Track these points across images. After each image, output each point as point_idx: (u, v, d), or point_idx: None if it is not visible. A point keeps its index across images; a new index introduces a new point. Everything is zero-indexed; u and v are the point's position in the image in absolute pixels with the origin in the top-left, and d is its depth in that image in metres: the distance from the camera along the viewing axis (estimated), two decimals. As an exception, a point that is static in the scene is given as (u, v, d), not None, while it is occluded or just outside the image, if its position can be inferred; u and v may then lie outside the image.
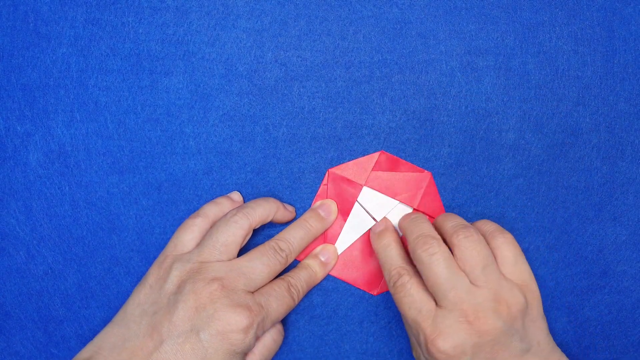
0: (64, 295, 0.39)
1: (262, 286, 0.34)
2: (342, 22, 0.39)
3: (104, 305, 0.39)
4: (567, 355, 0.40)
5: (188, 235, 0.35)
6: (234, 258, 0.34)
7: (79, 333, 0.39)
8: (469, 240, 0.33)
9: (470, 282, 0.32)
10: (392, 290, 0.34)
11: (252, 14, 0.38)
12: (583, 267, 0.40)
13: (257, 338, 0.33)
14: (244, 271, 0.33)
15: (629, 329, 0.41)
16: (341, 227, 0.39)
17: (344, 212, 0.39)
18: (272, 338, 0.35)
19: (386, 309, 0.40)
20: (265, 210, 0.35)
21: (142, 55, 0.38)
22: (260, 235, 0.39)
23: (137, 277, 0.39)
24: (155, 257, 0.39)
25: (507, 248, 0.34)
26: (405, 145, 0.39)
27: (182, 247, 0.35)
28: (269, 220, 0.36)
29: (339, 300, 0.40)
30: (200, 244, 0.34)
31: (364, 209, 0.39)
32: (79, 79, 0.38)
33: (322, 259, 0.38)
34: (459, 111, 0.39)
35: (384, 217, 0.38)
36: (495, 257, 0.34)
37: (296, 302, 0.36)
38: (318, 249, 0.38)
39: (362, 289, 0.39)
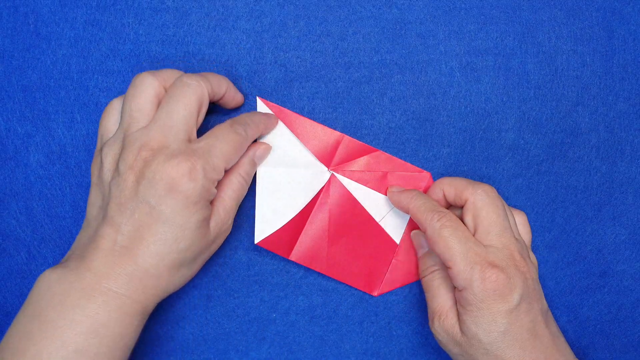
0: (65, 296, 0.39)
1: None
2: (342, 23, 0.39)
3: (104, 305, 0.39)
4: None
5: (109, 120, 0.34)
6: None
7: (80, 333, 0.39)
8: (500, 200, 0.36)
9: None
10: (437, 228, 0.33)
11: (251, 15, 0.38)
12: (582, 267, 0.40)
13: (212, 181, 0.32)
14: (164, 123, 0.31)
15: (628, 329, 0.41)
16: (343, 230, 0.39)
17: (345, 212, 0.39)
18: (238, 179, 0.34)
19: (386, 309, 0.40)
20: (173, 72, 0.34)
21: (142, 57, 0.38)
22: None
23: (137, 277, 0.39)
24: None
25: (528, 227, 0.38)
26: (405, 145, 0.39)
27: (107, 134, 0.34)
28: (199, 89, 0.33)
29: (339, 300, 0.40)
30: (120, 121, 0.33)
31: (365, 209, 0.39)
32: (80, 80, 0.38)
33: (262, 111, 0.37)
34: (459, 111, 0.39)
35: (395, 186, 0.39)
36: None
37: (243, 137, 0.34)
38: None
39: (363, 290, 0.39)
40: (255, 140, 0.37)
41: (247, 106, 0.39)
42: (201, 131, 0.35)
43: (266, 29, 0.38)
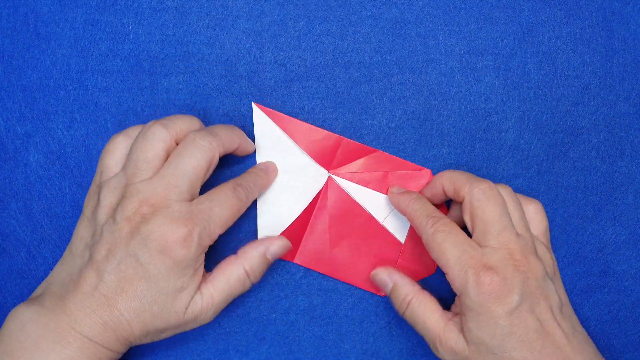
0: (65, 296, 0.39)
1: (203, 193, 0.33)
2: (342, 23, 0.39)
3: (104, 305, 0.39)
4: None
5: (111, 159, 0.33)
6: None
7: (80, 333, 0.39)
8: (507, 190, 0.35)
9: None
10: (430, 234, 0.33)
11: (251, 14, 0.38)
12: (583, 267, 0.40)
13: (205, 247, 0.32)
14: (169, 181, 0.31)
15: (628, 329, 0.41)
16: (345, 232, 0.39)
17: (345, 215, 0.39)
18: (238, 274, 0.34)
19: (386, 309, 0.40)
20: (186, 123, 0.34)
21: (141, 56, 0.38)
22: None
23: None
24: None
25: (542, 215, 0.36)
26: (404, 145, 0.39)
27: (108, 173, 0.33)
28: (211, 142, 0.32)
29: (339, 300, 0.40)
30: (123, 165, 0.33)
31: (366, 209, 0.39)
32: (79, 80, 0.38)
33: (263, 167, 0.37)
34: (459, 111, 0.39)
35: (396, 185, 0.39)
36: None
37: (244, 203, 0.34)
38: (258, 164, 0.38)
39: (370, 291, 0.39)
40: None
41: (245, 107, 0.39)
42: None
43: (266, 28, 0.38)
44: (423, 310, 0.34)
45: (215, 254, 0.38)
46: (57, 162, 0.39)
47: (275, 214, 0.38)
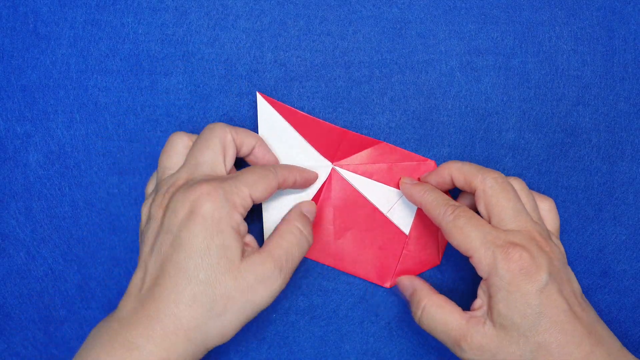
0: (65, 296, 0.39)
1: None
2: (342, 22, 0.39)
3: (104, 306, 0.39)
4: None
5: (149, 187, 0.35)
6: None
7: (80, 334, 0.39)
8: (521, 183, 0.35)
9: None
10: (451, 220, 0.33)
11: (251, 14, 0.38)
12: (583, 267, 0.40)
13: (235, 205, 0.31)
14: (189, 162, 0.33)
15: (629, 329, 0.41)
16: (349, 223, 0.39)
17: (349, 206, 0.39)
18: (289, 228, 0.33)
19: (386, 309, 0.40)
20: (250, 137, 0.35)
21: (141, 56, 0.38)
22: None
23: (137, 277, 0.39)
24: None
25: (555, 213, 0.36)
26: (405, 145, 0.39)
27: (147, 193, 0.35)
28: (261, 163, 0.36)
29: (339, 300, 0.40)
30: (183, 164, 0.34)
31: (370, 201, 0.39)
32: (79, 79, 0.38)
33: (306, 175, 0.37)
34: (459, 111, 0.39)
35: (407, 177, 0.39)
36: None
37: (272, 172, 0.34)
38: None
39: (374, 282, 0.39)
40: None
41: (245, 107, 0.39)
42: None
43: (266, 28, 0.38)
44: (441, 313, 0.33)
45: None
46: (56, 162, 0.39)
47: (280, 207, 0.38)
